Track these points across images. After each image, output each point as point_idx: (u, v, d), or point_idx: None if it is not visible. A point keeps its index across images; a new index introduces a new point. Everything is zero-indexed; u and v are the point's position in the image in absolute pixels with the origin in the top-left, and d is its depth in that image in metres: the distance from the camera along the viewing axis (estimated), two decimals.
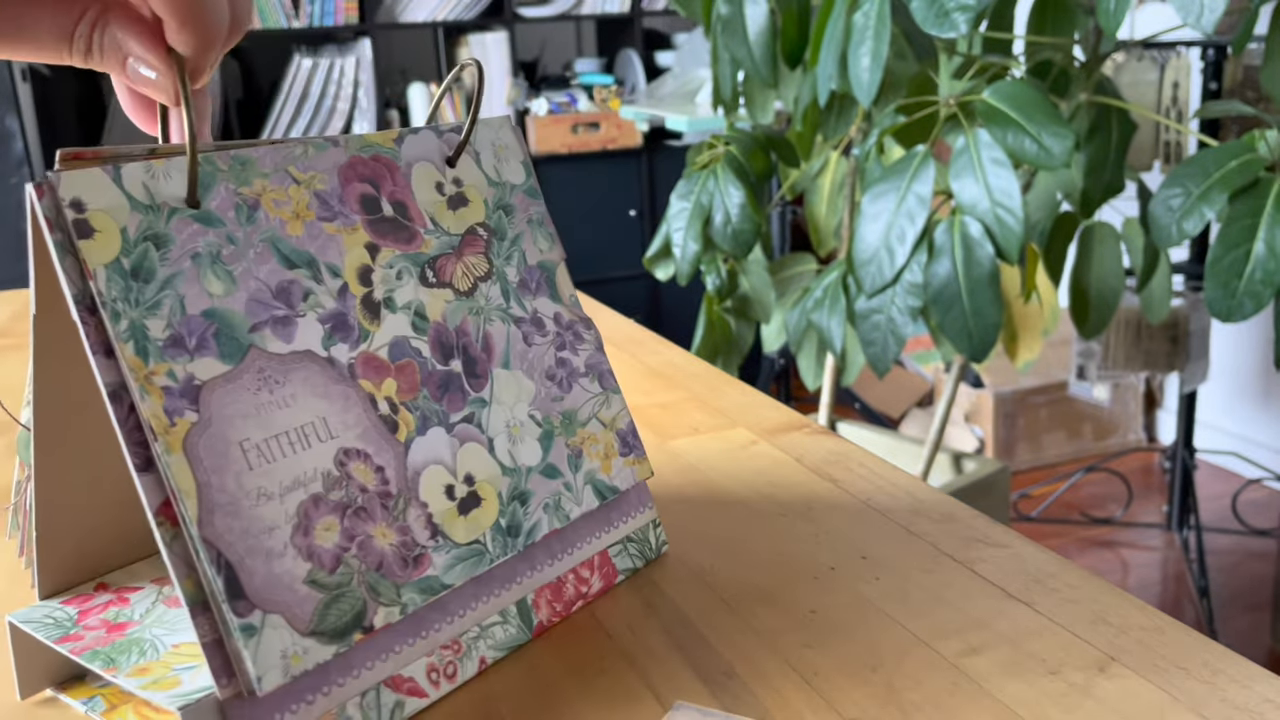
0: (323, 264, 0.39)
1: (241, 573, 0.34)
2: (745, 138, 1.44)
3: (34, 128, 2.57)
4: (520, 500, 0.43)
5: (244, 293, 0.37)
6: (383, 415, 0.39)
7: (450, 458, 0.41)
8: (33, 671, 0.40)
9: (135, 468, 0.33)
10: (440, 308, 0.42)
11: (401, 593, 0.38)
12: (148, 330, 0.34)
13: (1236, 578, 2.24)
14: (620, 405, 0.49)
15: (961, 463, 1.90)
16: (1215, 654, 0.40)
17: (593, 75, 3.25)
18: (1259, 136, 1.09)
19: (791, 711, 0.38)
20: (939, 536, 0.51)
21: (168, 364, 0.34)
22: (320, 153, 0.40)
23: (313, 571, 0.35)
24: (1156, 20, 2.61)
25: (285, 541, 0.35)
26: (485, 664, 0.42)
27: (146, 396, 0.33)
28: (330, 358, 0.38)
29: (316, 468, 0.37)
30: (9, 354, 0.90)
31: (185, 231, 0.36)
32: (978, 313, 1.16)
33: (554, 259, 0.48)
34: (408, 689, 0.39)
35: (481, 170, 0.47)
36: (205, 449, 0.34)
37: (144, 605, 0.42)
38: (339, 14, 2.87)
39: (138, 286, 0.34)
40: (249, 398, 0.36)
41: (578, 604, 0.46)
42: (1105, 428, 2.85)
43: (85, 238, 0.33)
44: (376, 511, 0.38)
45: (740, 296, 1.60)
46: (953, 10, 1.07)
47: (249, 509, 0.34)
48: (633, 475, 0.48)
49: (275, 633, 0.34)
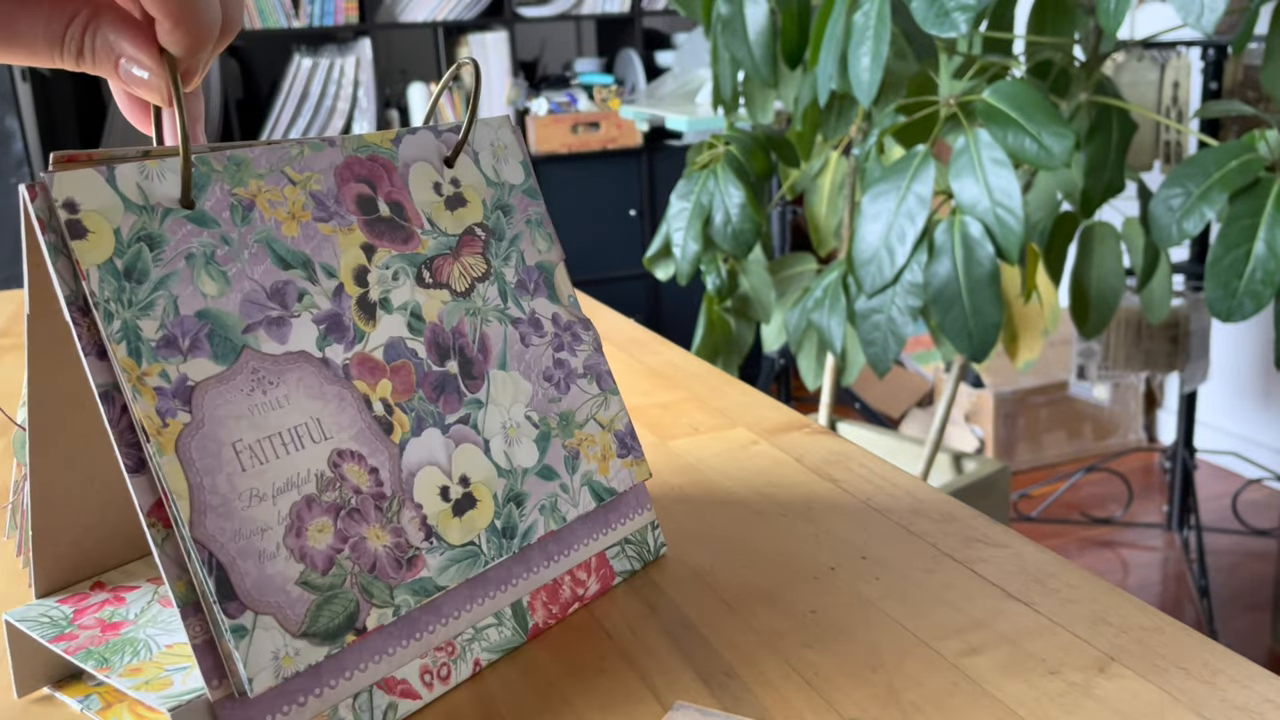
0: (318, 264, 0.39)
1: (233, 574, 0.34)
2: (745, 138, 1.44)
3: (34, 128, 2.57)
4: (516, 502, 0.43)
5: (238, 293, 0.37)
6: (377, 416, 0.39)
7: (445, 459, 0.41)
8: (29, 670, 0.40)
9: (127, 469, 0.33)
10: (437, 308, 0.42)
11: (395, 594, 0.38)
12: (141, 331, 0.34)
13: (1236, 578, 2.24)
14: (619, 406, 0.49)
15: (961, 463, 1.90)
16: (1215, 654, 0.40)
17: (593, 75, 3.25)
18: (1259, 136, 1.09)
19: (792, 712, 0.38)
20: (939, 536, 0.51)
21: (161, 364, 0.34)
22: (317, 153, 0.40)
23: (305, 573, 0.35)
24: (1156, 20, 2.61)
25: (278, 543, 0.35)
26: (480, 666, 0.42)
27: (139, 397, 0.33)
28: (325, 359, 0.38)
29: (310, 469, 0.37)
30: (8, 354, 0.90)
31: (179, 232, 0.36)
32: (978, 312, 1.16)
33: (553, 259, 0.48)
34: (401, 691, 0.39)
35: (480, 170, 0.46)
36: (198, 450, 0.34)
37: (139, 605, 0.42)
38: (339, 14, 2.87)
39: (131, 287, 0.34)
40: (242, 399, 0.36)
41: (574, 606, 0.46)
42: (1105, 428, 2.85)
43: (78, 238, 0.33)
44: (370, 513, 0.38)
45: (740, 296, 1.60)
46: (953, 10, 1.07)
47: (241, 510, 0.34)
48: (631, 477, 0.48)
49: (267, 634, 0.34)
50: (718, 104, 1.61)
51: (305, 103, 2.87)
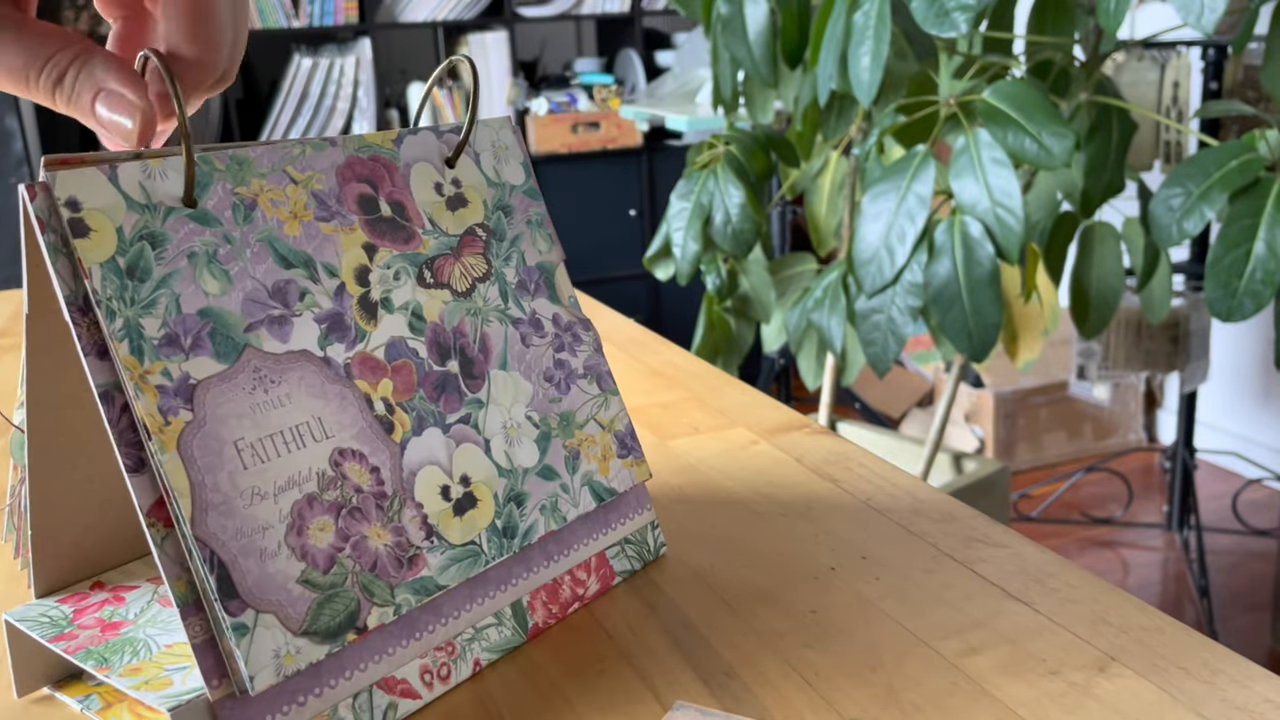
0: (319, 264, 0.39)
1: (235, 572, 0.34)
2: (745, 138, 1.44)
3: (34, 128, 2.57)
4: (517, 501, 0.43)
5: (240, 292, 0.37)
6: (378, 415, 0.39)
7: (446, 458, 0.41)
8: (29, 670, 0.40)
9: (127, 469, 0.33)
10: (438, 308, 0.42)
11: (396, 593, 0.38)
12: (143, 329, 0.34)
13: (1236, 578, 2.24)
14: (619, 407, 0.49)
15: (961, 463, 1.90)
16: (1215, 654, 0.40)
17: (593, 75, 3.25)
18: (1259, 136, 1.09)
19: (792, 711, 0.38)
20: (939, 536, 0.51)
21: (163, 363, 0.34)
22: (318, 153, 0.40)
23: (306, 571, 0.35)
24: (1156, 20, 2.61)
25: (279, 541, 0.35)
26: (480, 666, 0.42)
27: (141, 395, 0.33)
28: (326, 358, 0.38)
29: (311, 467, 0.37)
30: (8, 354, 0.90)
31: (181, 231, 0.36)
32: (978, 312, 1.16)
33: (553, 260, 0.48)
34: (401, 690, 0.39)
35: (481, 171, 0.46)
36: (199, 448, 0.34)
37: (139, 604, 0.42)
38: (339, 14, 2.87)
39: (133, 285, 0.34)
40: (244, 397, 0.36)
41: (574, 606, 0.46)
42: (1105, 428, 2.85)
43: (81, 236, 0.33)
44: (371, 512, 0.38)
45: (740, 296, 1.60)
46: (953, 10, 1.07)
47: (243, 508, 0.34)
48: (631, 477, 0.48)
49: (268, 632, 0.34)
50: (718, 104, 1.61)
51: (305, 103, 2.87)
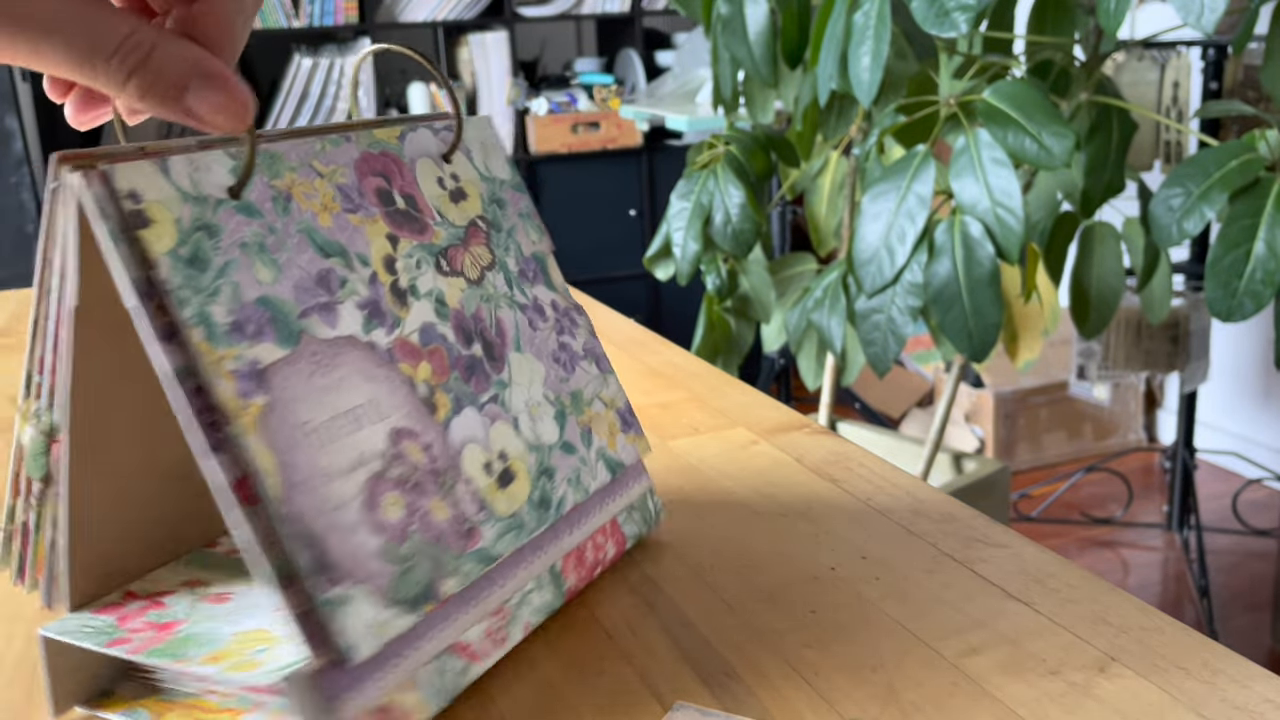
0: (353, 253, 0.40)
1: (325, 547, 0.35)
2: (745, 137, 1.44)
3: (34, 128, 2.57)
4: (548, 475, 0.45)
5: (289, 280, 0.37)
6: (422, 397, 0.40)
7: (484, 436, 0.42)
8: (67, 688, 0.39)
9: (209, 448, 0.34)
10: (457, 295, 0.44)
11: (461, 563, 0.39)
12: (213, 316, 0.35)
13: (1236, 578, 2.24)
14: (616, 385, 0.51)
15: (961, 463, 1.90)
16: (1215, 654, 0.40)
17: (593, 75, 3.25)
18: (1259, 136, 1.09)
19: (792, 711, 0.38)
20: (939, 536, 0.51)
21: (235, 349, 0.35)
22: (336, 148, 0.42)
23: (386, 545, 0.37)
24: (1156, 20, 2.61)
25: (357, 517, 0.36)
26: (530, 628, 0.43)
27: (219, 380, 0.34)
28: (371, 342, 0.39)
29: (374, 447, 0.38)
30: (8, 354, 0.90)
31: (231, 222, 0.36)
32: (978, 312, 1.16)
33: (544, 250, 0.50)
34: (469, 654, 0.40)
35: (474, 166, 0.48)
36: (276, 430, 0.35)
37: (183, 606, 0.42)
38: (339, 14, 2.87)
39: (197, 275, 0.35)
40: (305, 381, 0.36)
41: (597, 569, 0.48)
42: (1105, 428, 2.85)
43: (143, 228, 0.34)
44: (430, 487, 0.39)
45: (740, 296, 1.60)
46: (953, 10, 1.07)
47: (321, 486, 0.35)
48: (634, 451, 0.50)
49: (361, 603, 0.35)
50: (718, 104, 1.61)
51: (305, 102, 2.87)
